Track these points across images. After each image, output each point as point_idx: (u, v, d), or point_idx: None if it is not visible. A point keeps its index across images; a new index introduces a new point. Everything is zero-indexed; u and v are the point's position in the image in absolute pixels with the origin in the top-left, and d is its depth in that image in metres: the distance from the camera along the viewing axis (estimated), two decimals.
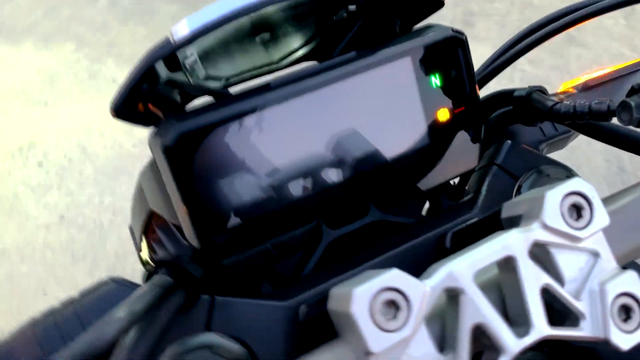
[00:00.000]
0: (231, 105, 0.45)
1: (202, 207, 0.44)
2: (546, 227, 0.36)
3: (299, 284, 0.48)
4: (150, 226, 0.70)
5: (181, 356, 0.43)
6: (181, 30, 0.44)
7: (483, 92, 0.59)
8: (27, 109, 2.18)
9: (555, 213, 0.36)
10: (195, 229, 0.45)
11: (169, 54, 0.44)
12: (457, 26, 0.52)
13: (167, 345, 0.44)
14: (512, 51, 0.60)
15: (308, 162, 0.47)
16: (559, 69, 2.36)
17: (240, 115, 0.45)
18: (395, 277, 0.33)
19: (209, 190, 0.44)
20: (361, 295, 0.32)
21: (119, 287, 0.50)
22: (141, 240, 0.71)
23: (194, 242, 0.45)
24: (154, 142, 0.44)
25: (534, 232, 0.36)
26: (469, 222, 0.49)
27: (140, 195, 0.71)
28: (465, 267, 0.34)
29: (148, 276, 0.44)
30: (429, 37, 0.50)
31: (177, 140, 0.42)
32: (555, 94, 0.66)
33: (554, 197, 0.36)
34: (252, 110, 0.45)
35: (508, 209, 0.40)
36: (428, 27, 0.52)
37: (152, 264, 0.73)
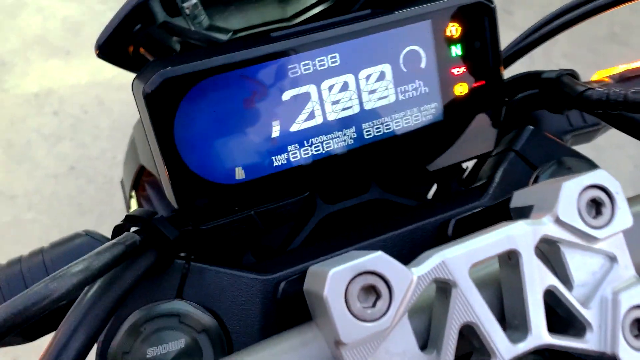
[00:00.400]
0: (227, 54, 0.40)
1: (182, 164, 0.40)
2: (559, 222, 0.31)
3: (282, 259, 0.44)
4: (141, 182, 0.67)
5: (147, 322, 0.40)
6: None
7: (507, 73, 0.54)
8: (48, 56, 2.15)
9: (571, 207, 0.31)
10: (174, 188, 0.41)
11: None
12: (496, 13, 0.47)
13: (134, 308, 0.40)
14: (543, 31, 0.55)
15: (306, 126, 0.43)
16: (597, 67, 2.26)
17: (235, 66, 0.40)
18: (379, 260, 0.28)
19: (192, 146, 0.40)
20: (337, 277, 0.28)
21: (92, 241, 0.47)
22: (130, 196, 0.67)
23: (172, 201, 0.42)
24: (136, 86, 0.40)
25: (544, 226, 0.31)
26: (475, 210, 0.45)
27: (132, 148, 0.68)
28: (461, 258, 0.30)
29: (115, 231, 0.40)
30: (455, 1, 0.45)
31: (159, 86, 0.38)
32: (588, 82, 0.61)
33: (572, 189, 0.31)
34: (250, 62, 0.41)
35: (519, 198, 0.36)
36: None
37: None
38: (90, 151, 1.97)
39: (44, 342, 0.37)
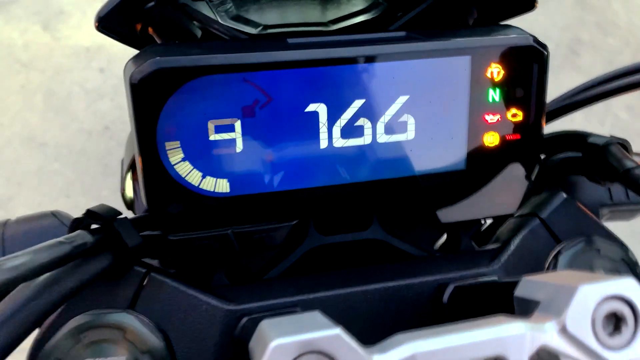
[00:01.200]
0: (233, 53, 0.36)
1: (159, 164, 0.36)
2: (565, 332, 0.26)
3: (254, 288, 0.40)
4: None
5: (89, 329, 0.36)
6: None
7: (548, 128, 0.48)
8: None
9: (583, 317, 0.26)
10: (146, 187, 0.36)
11: None
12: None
13: (81, 311, 0.36)
14: (599, 90, 0.48)
15: (308, 148, 0.38)
16: None
17: (240, 68, 0.36)
18: (335, 340, 0.23)
19: (174, 147, 0.36)
20: (278, 352, 0.23)
21: (56, 225, 0.43)
22: (126, 176, 0.64)
23: (143, 200, 0.37)
24: (127, 69, 0.36)
25: (545, 334, 0.25)
26: (478, 280, 0.39)
27: None
28: (436, 355, 0.24)
29: (73, 224, 0.36)
30: (502, 40, 0.39)
31: (149, 75, 0.34)
32: None
33: (589, 296, 0.26)
34: (258, 67, 0.36)
35: (525, 286, 0.30)
36: (504, 27, 0.41)
37: (132, 205, 0.66)
38: (127, 115, 1.97)
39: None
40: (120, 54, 2.06)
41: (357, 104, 0.38)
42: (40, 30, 2.08)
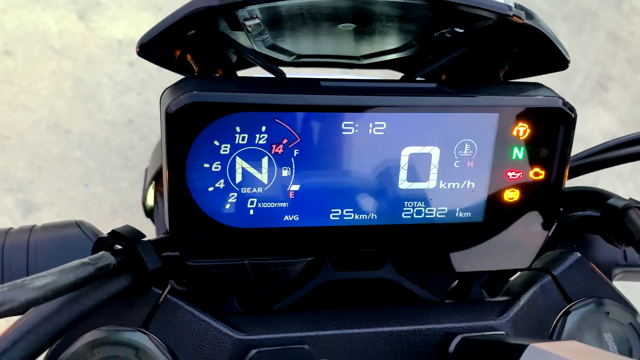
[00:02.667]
0: (268, 94, 0.37)
1: (186, 192, 0.37)
2: None
3: (264, 319, 0.41)
4: (162, 178, 0.65)
5: (102, 345, 0.37)
6: None
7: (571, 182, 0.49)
8: (140, 8, 2.18)
9: None
10: (170, 213, 0.37)
11: (216, 8, 0.36)
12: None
13: (96, 325, 0.38)
14: (627, 151, 0.48)
15: (332, 186, 0.39)
16: None
17: (273, 108, 0.36)
18: None
19: (202, 178, 0.37)
20: None
21: (80, 236, 0.44)
22: (149, 186, 0.65)
23: (167, 224, 0.38)
24: (164, 98, 0.37)
25: None
26: (485, 334, 0.40)
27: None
28: None
29: (97, 244, 0.37)
30: (531, 100, 0.40)
31: (185, 107, 0.35)
32: None
33: None
34: (290, 108, 0.37)
35: (532, 355, 0.31)
36: (534, 86, 0.42)
37: (151, 214, 0.67)
38: (152, 110, 1.99)
39: None
40: None
41: (383, 151, 0.39)
42: (76, 19, 2.12)
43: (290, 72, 0.75)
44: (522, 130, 0.40)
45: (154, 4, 2.23)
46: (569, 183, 0.52)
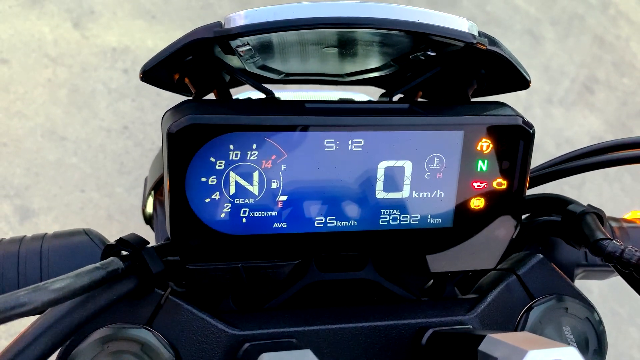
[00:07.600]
0: (259, 115, 0.41)
1: (186, 204, 0.41)
2: None
3: (256, 317, 0.45)
4: (162, 187, 0.69)
5: (111, 341, 0.41)
6: (235, 21, 0.41)
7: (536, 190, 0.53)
8: (134, 16, 2.23)
9: None
10: (171, 222, 0.42)
11: (213, 38, 0.41)
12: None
13: (104, 323, 0.42)
14: (588, 160, 0.53)
15: (315, 199, 0.43)
16: None
17: (263, 128, 0.41)
18: None
19: (200, 190, 0.41)
20: None
21: (88, 243, 0.49)
22: (149, 195, 0.69)
23: (168, 232, 0.43)
24: (166, 120, 0.42)
25: None
26: (454, 328, 0.44)
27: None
28: None
29: (106, 250, 0.42)
30: (493, 118, 0.44)
31: (185, 128, 0.40)
32: (618, 220, 0.59)
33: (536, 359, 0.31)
34: (279, 128, 0.41)
35: (489, 343, 0.35)
36: (497, 105, 0.46)
37: (150, 221, 0.71)
38: (147, 116, 2.03)
39: None
40: (144, 57, 2.12)
41: (361, 165, 0.43)
42: (71, 27, 2.15)
43: (279, 89, 0.80)
44: (486, 145, 0.45)
45: (147, 11, 2.27)
46: (539, 190, 0.57)
